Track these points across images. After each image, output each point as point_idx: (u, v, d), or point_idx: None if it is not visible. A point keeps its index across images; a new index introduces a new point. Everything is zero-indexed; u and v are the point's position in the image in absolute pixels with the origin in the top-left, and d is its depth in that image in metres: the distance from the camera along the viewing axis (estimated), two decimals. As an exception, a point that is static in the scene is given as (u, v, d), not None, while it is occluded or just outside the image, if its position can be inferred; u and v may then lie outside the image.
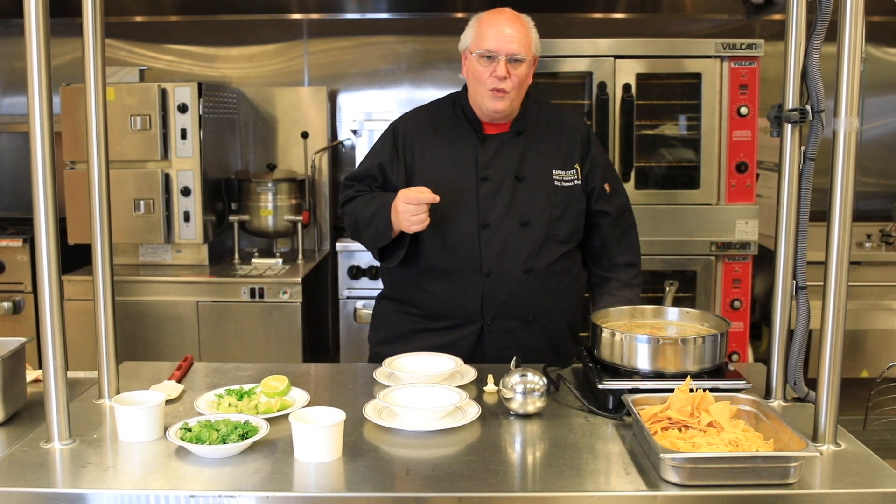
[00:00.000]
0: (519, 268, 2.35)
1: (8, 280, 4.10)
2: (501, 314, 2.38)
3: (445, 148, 2.40)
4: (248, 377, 2.14)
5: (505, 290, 2.36)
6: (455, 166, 2.38)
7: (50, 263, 1.64)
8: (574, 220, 2.42)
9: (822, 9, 1.79)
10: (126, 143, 3.87)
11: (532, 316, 2.39)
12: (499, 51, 2.27)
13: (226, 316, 3.83)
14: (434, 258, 2.37)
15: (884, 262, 4.06)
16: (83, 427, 1.80)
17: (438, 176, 2.37)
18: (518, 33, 2.28)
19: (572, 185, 2.41)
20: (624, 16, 4.71)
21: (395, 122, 2.50)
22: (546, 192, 2.38)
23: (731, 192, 3.78)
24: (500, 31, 2.28)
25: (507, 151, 2.38)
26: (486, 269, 2.34)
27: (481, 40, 2.29)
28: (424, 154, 2.41)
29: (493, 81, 2.28)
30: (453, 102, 2.47)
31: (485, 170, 2.37)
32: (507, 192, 2.36)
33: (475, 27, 2.34)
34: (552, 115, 2.47)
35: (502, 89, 2.28)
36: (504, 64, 2.26)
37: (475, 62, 2.31)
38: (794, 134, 1.89)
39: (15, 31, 4.71)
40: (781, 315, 1.95)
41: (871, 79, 4.66)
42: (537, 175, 2.38)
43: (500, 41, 2.27)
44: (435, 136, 2.43)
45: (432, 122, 2.45)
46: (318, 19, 4.71)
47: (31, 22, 1.57)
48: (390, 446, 1.71)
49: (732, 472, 1.51)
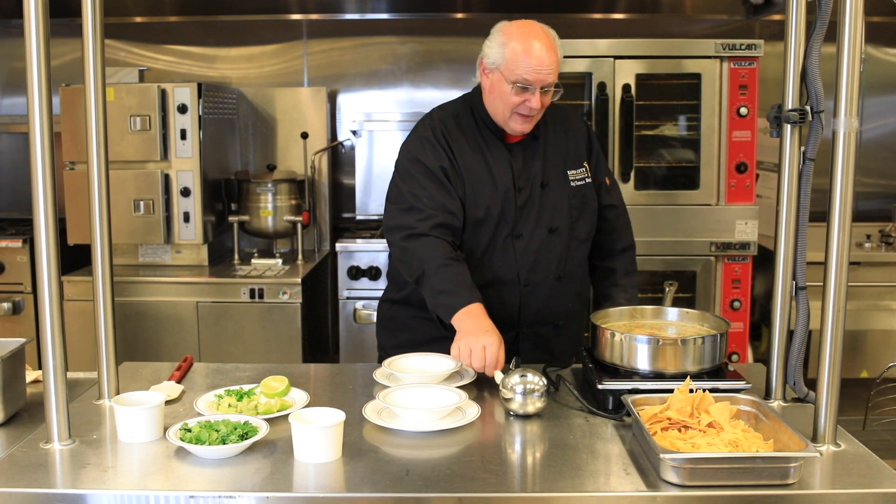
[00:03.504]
0: (552, 275, 2.34)
1: (8, 280, 4.10)
2: (536, 321, 2.37)
3: (478, 157, 2.31)
4: (247, 378, 2.14)
5: (540, 299, 2.34)
6: (492, 177, 2.29)
7: (50, 264, 1.64)
8: (591, 218, 2.42)
9: (822, 9, 1.80)
10: (126, 143, 3.87)
11: (562, 321, 2.40)
12: (535, 83, 2.17)
13: (225, 316, 3.82)
14: (472, 273, 2.22)
15: (883, 262, 4.06)
16: (83, 427, 1.80)
17: (477, 186, 2.28)
18: (552, 60, 2.17)
19: (584, 184, 2.40)
20: (623, 16, 4.72)
21: (429, 127, 2.34)
22: (566, 194, 2.36)
23: (731, 193, 3.79)
24: (538, 61, 2.15)
25: (530, 158, 2.34)
26: (524, 280, 2.32)
27: (516, 67, 2.16)
28: (463, 163, 2.30)
29: (525, 109, 2.21)
30: (471, 109, 2.37)
31: (519, 179, 2.31)
32: (535, 200, 2.33)
33: (508, 49, 2.18)
34: (556, 115, 2.44)
35: (532, 116, 2.23)
36: (539, 96, 2.18)
37: (506, 86, 2.19)
38: (794, 134, 1.89)
39: (15, 32, 4.71)
40: (781, 315, 1.95)
41: (871, 79, 4.66)
42: (557, 179, 2.36)
43: (538, 73, 2.16)
44: (466, 142, 2.32)
45: (460, 128, 2.34)
46: (318, 20, 4.71)
47: (31, 22, 1.57)
48: (390, 447, 1.71)
49: (732, 472, 1.51)
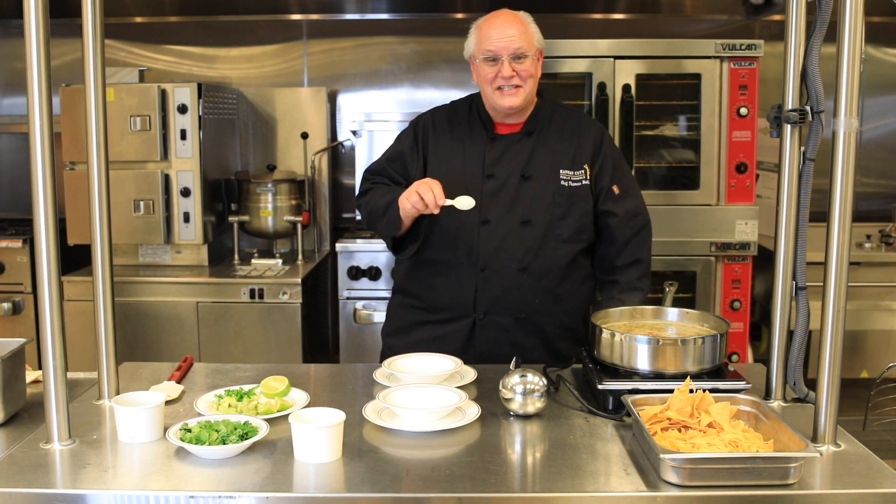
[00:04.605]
0: (514, 265, 2.38)
1: (8, 280, 4.09)
2: (494, 310, 2.40)
3: (458, 145, 2.46)
4: (247, 378, 2.14)
5: (498, 286, 2.38)
6: (464, 163, 2.44)
7: (50, 264, 1.64)
8: (579, 220, 2.42)
9: (822, 9, 1.80)
10: (126, 143, 3.87)
11: (524, 314, 2.41)
12: (501, 51, 2.31)
13: (225, 316, 3.82)
14: (435, 251, 2.42)
15: (883, 262, 4.06)
16: (83, 428, 1.80)
17: (447, 171, 2.41)
18: (517, 31, 2.32)
19: (579, 185, 2.42)
20: (624, 16, 4.71)
21: (418, 118, 2.57)
22: (551, 191, 2.40)
23: (731, 193, 3.79)
24: (500, 31, 2.32)
25: (515, 151, 2.42)
26: (482, 264, 2.37)
27: (483, 44, 2.34)
28: (437, 150, 2.48)
29: (500, 81, 2.33)
30: (470, 103, 2.53)
31: (491, 167, 2.41)
32: (511, 190, 2.39)
33: (475, 33, 2.39)
34: (567, 116, 2.51)
35: (512, 86, 2.32)
36: (508, 64, 2.31)
37: (481, 66, 2.36)
38: (794, 134, 1.89)
39: (15, 32, 4.71)
40: (781, 315, 1.95)
41: (871, 79, 4.66)
42: (544, 174, 2.40)
43: (501, 41, 2.31)
44: (450, 133, 2.49)
45: (450, 121, 2.51)
46: (318, 20, 4.71)
47: (31, 22, 1.57)
48: (390, 447, 1.71)
49: (732, 472, 1.51)
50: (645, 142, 3.86)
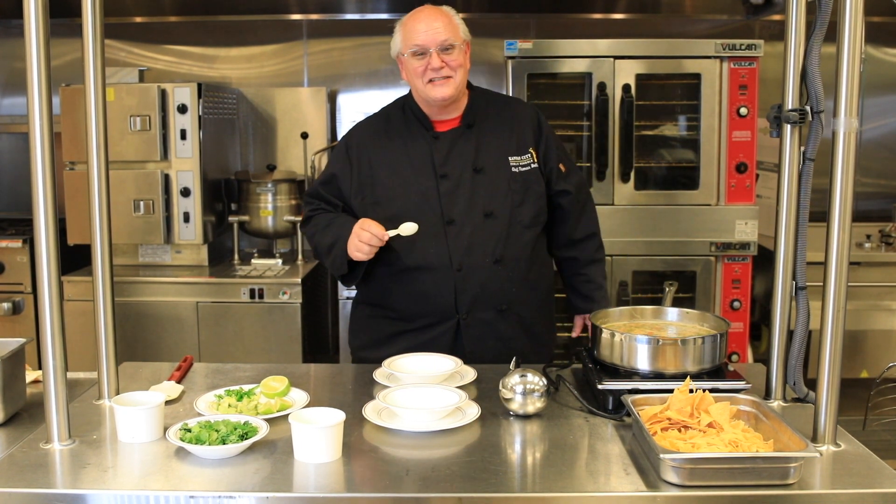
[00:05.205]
0: (488, 259, 2.38)
1: (8, 280, 4.09)
2: (476, 307, 2.40)
3: (401, 151, 2.45)
4: (247, 378, 2.14)
5: (477, 283, 2.38)
6: (413, 168, 2.42)
7: (50, 264, 1.64)
8: (535, 203, 2.45)
9: (822, 9, 1.80)
10: (126, 143, 3.87)
11: (505, 305, 2.42)
12: (428, 43, 2.33)
13: (225, 316, 3.82)
14: (404, 260, 2.38)
15: (883, 262, 4.06)
16: (83, 428, 1.80)
17: (398, 180, 2.41)
18: (442, 23, 2.35)
19: (529, 170, 2.45)
20: (623, 16, 4.71)
21: (348, 133, 2.56)
22: (505, 179, 2.42)
23: (731, 193, 3.79)
24: (425, 25, 2.35)
25: (461, 145, 2.43)
26: (457, 264, 2.37)
27: (410, 39, 2.36)
28: (381, 161, 2.45)
29: (430, 74, 2.34)
30: (402, 106, 2.51)
31: (442, 167, 2.41)
32: (466, 185, 2.40)
33: (401, 31, 2.41)
34: (501, 104, 2.53)
35: (442, 77, 2.34)
36: (437, 55, 2.33)
37: (410, 61, 2.37)
38: (794, 134, 1.89)
39: (15, 32, 4.71)
40: (781, 315, 1.95)
41: (871, 79, 4.66)
42: (494, 165, 2.42)
43: (428, 34, 2.33)
44: (388, 141, 2.47)
45: (385, 128, 2.50)
46: (318, 20, 4.71)
47: (31, 22, 1.57)
48: (390, 447, 1.71)
49: (732, 472, 1.51)
50: (645, 142, 3.86)
